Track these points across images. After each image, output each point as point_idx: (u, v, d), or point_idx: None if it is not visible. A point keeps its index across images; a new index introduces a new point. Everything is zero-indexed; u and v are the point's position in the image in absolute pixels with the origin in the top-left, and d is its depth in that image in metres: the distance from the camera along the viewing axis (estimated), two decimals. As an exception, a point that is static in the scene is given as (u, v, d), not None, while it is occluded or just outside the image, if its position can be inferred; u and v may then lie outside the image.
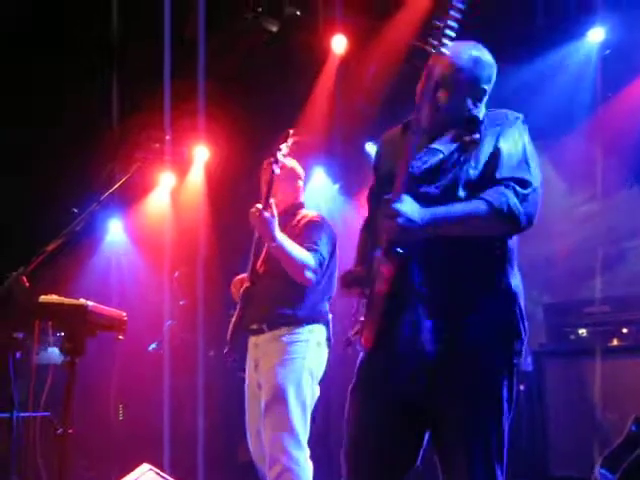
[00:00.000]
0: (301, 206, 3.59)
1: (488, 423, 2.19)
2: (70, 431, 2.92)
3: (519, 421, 5.07)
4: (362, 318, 2.28)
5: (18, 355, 3.33)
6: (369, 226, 2.49)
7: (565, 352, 5.10)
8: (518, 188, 2.19)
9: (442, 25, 2.25)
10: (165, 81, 5.74)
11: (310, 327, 3.34)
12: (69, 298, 3.07)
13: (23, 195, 5.89)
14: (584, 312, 5.22)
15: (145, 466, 3.06)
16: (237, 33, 5.54)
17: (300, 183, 3.61)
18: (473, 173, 2.24)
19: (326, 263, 3.34)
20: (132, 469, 3.04)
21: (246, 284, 3.37)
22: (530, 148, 2.31)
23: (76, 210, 3.18)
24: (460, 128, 2.32)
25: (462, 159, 2.26)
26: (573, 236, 6.16)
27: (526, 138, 2.32)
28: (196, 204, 6.40)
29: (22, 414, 3.43)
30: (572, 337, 5.21)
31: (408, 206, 2.13)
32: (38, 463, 3.39)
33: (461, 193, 2.22)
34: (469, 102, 2.36)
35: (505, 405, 2.21)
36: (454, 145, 2.29)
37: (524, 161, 2.27)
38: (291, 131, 3.41)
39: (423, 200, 2.18)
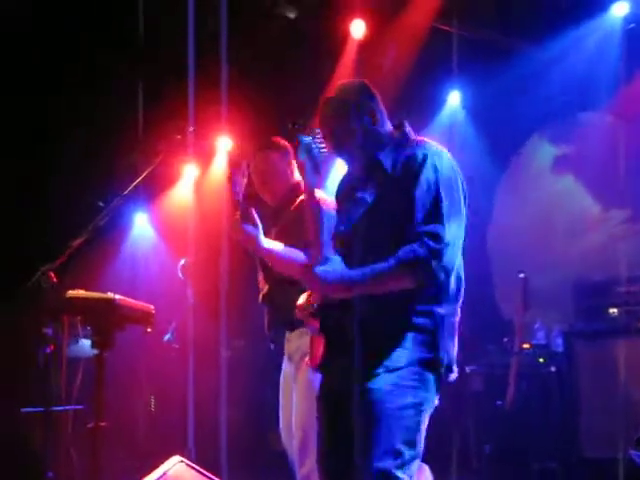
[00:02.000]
0: (298, 188, 3.29)
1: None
2: (102, 424, 2.93)
3: (550, 402, 5.05)
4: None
5: (50, 349, 3.37)
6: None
7: (595, 332, 5.05)
8: (430, 242, 2.21)
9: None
10: (189, 72, 5.74)
11: None
12: (97, 292, 3.08)
13: (49, 191, 5.94)
14: (614, 291, 5.17)
15: (176, 458, 3.07)
16: (256, 21, 5.53)
17: (290, 161, 3.32)
18: (386, 208, 2.31)
19: None
20: (161, 461, 3.06)
21: (263, 289, 3.27)
22: (446, 192, 2.29)
23: (102, 204, 3.19)
24: (370, 170, 2.40)
25: (380, 195, 2.35)
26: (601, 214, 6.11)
27: (439, 180, 2.29)
28: (220, 195, 6.40)
29: (56, 408, 3.48)
30: (602, 317, 5.16)
31: (326, 270, 2.26)
32: (72, 456, 3.44)
33: (383, 225, 2.31)
34: (363, 145, 2.41)
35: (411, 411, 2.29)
36: (370, 187, 2.38)
37: (436, 213, 2.26)
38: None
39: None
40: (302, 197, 3.23)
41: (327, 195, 3.09)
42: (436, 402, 2.36)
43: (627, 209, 5.99)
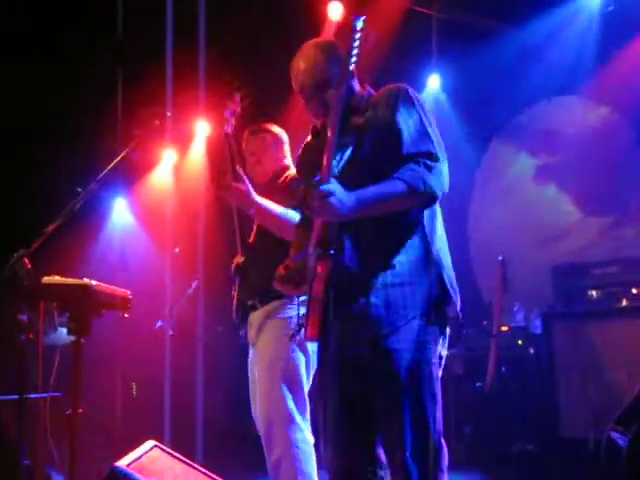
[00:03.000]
0: (287, 168, 3.46)
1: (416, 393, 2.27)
2: (80, 411, 2.91)
3: (528, 384, 5.09)
4: (303, 313, 2.35)
5: (27, 337, 3.33)
6: (304, 222, 2.56)
7: (574, 314, 5.09)
8: (428, 162, 2.26)
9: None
10: (167, 57, 5.69)
11: (302, 299, 3.25)
12: (73, 278, 3.06)
13: (26, 176, 5.88)
14: (593, 273, 5.20)
15: (150, 442, 3.06)
16: (234, 4, 5.48)
17: (286, 148, 3.49)
18: (376, 158, 2.30)
19: None
20: (138, 447, 3.04)
21: (238, 259, 3.30)
22: (426, 116, 2.35)
23: (80, 190, 3.15)
24: (349, 114, 2.37)
25: (359, 142, 2.34)
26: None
27: (419, 107, 2.35)
28: (198, 179, 6.37)
29: (32, 395, 3.45)
30: (581, 299, 5.19)
31: (337, 187, 2.19)
32: (49, 443, 3.41)
33: (365, 173, 2.29)
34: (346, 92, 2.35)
35: (433, 367, 2.30)
36: (352, 132, 2.36)
37: (425, 133, 2.32)
38: (236, 84, 3.34)
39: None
40: (287, 173, 3.38)
41: None
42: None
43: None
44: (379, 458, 2.35)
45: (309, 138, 2.60)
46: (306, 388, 3.19)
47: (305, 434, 3.13)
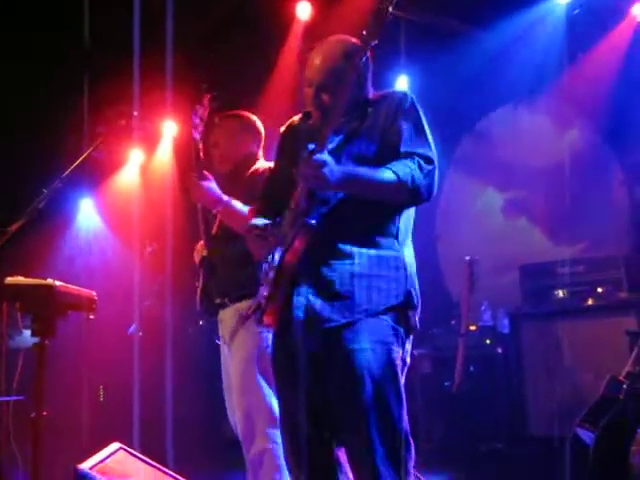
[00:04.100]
0: (254, 158, 3.35)
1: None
2: (44, 414, 2.87)
3: (496, 383, 5.12)
4: (265, 292, 2.33)
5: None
6: (269, 202, 2.55)
7: (541, 313, 5.13)
8: (423, 163, 2.30)
9: None
10: (135, 57, 5.63)
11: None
12: (37, 278, 3.01)
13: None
14: (559, 273, 5.25)
15: (115, 444, 3.02)
16: (201, 3, 5.44)
17: (250, 133, 3.37)
18: (369, 148, 2.34)
19: None
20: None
21: (203, 253, 3.25)
22: (426, 124, 2.40)
23: (45, 190, 3.11)
24: (352, 111, 2.39)
25: (359, 137, 2.36)
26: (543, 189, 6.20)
27: (421, 114, 2.41)
28: (166, 179, 6.32)
29: (-5, 398, 3.39)
30: (548, 298, 5.24)
31: (330, 158, 2.22)
32: (12, 447, 3.35)
33: (355, 162, 2.32)
34: (354, 91, 2.38)
35: (397, 368, 2.29)
36: (350, 126, 2.38)
37: (425, 137, 2.37)
38: (205, 87, 3.29)
39: None
40: (257, 166, 3.30)
41: None
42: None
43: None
44: (339, 461, 2.33)
45: (296, 118, 2.58)
46: None
47: None
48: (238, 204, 3.08)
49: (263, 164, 3.31)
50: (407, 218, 2.42)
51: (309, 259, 2.25)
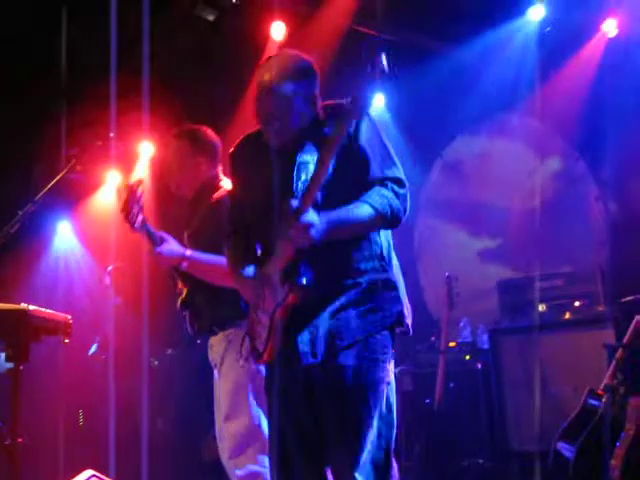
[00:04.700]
0: (215, 179, 3.16)
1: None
2: (19, 440, 2.83)
3: (477, 399, 5.12)
4: (257, 336, 2.34)
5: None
6: (240, 232, 2.51)
7: (519, 328, 5.15)
8: (396, 188, 2.27)
9: None
10: (111, 77, 5.62)
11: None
12: (10, 303, 2.97)
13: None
14: (536, 288, 5.27)
15: (88, 472, 2.98)
16: (175, 24, 5.45)
17: (203, 153, 3.17)
18: (332, 172, 2.23)
19: None
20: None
21: (182, 294, 3.16)
22: (386, 140, 2.35)
23: (20, 213, 3.08)
24: (308, 134, 2.33)
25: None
26: (517, 207, 6.22)
27: (379, 129, 2.36)
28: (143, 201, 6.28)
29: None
30: (526, 312, 5.26)
31: (315, 217, 2.16)
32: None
33: (328, 193, 2.25)
34: (305, 112, 2.33)
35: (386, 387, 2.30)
36: (314, 151, 2.30)
37: (390, 158, 2.33)
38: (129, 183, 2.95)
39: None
40: (220, 192, 3.14)
41: None
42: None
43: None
44: None
45: (246, 136, 2.50)
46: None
47: None
48: (202, 256, 2.98)
49: (227, 183, 3.13)
50: (386, 232, 2.41)
51: (304, 309, 2.25)
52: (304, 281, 2.21)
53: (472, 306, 5.69)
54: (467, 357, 5.38)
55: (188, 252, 2.96)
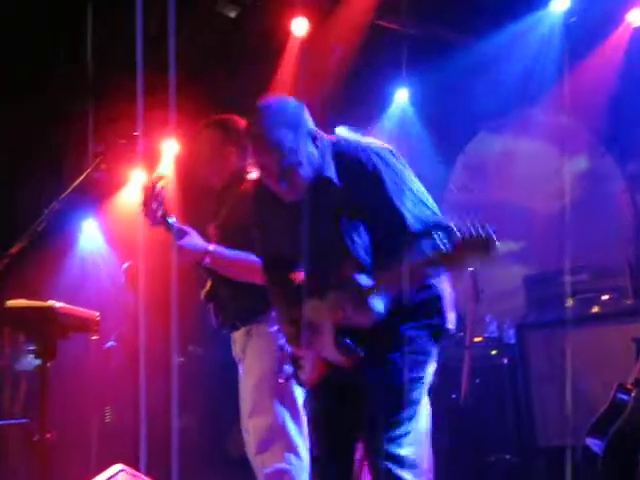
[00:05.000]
0: (245, 170, 3.04)
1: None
2: (48, 436, 2.86)
3: (503, 394, 5.08)
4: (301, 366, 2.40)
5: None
6: (271, 267, 2.51)
7: (546, 322, 5.10)
8: (440, 232, 2.13)
9: None
10: (138, 75, 5.65)
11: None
12: (39, 301, 3.00)
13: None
14: (563, 281, 5.22)
15: (118, 466, 3.01)
16: (197, 22, 5.47)
17: (235, 143, 3.10)
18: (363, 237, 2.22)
19: None
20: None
21: (206, 286, 3.16)
22: (410, 177, 2.29)
23: (45, 211, 3.10)
24: (316, 188, 2.26)
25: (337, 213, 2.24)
26: (542, 207, 6.15)
27: (400, 169, 2.28)
28: (167, 199, 6.31)
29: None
30: (552, 307, 5.21)
31: (382, 305, 2.15)
32: (18, 471, 3.35)
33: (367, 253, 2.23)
34: (311, 161, 2.26)
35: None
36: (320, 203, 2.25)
37: (421, 201, 2.28)
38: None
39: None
40: (248, 183, 3.01)
41: None
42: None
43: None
44: None
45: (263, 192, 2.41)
46: (300, 400, 3.05)
47: (299, 449, 3.01)
48: (226, 251, 2.95)
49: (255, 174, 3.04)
50: None
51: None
52: (361, 354, 2.21)
53: (497, 306, 5.65)
54: (493, 352, 5.34)
55: (211, 247, 2.94)
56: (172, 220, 2.90)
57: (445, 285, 2.39)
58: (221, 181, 3.19)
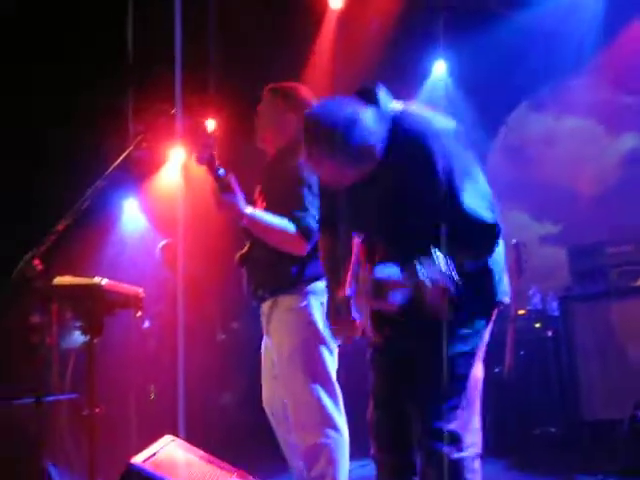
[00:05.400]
0: (300, 143, 3.04)
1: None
2: (97, 410, 2.90)
3: (548, 367, 5.04)
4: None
5: (40, 339, 3.33)
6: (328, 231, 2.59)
7: (590, 295, 5.03)
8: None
9: None
10: (176, 55, 5.67)
11: (311, 286, 3.01)
12: (84, 277, 3.04)
13: (36, 174, 5.86)
14: (607, 253, 5.14)
15: (168, 437, 3.04)
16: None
17: (296, 112, 3.03)
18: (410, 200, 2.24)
19: (316, 221, 2.89)
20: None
21: (243, 250, 3.17)
22: (469, 160, 2.29)
23: (89, 190, 3.13)
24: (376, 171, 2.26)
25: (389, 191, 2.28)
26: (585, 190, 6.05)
27: (466, 160, 2.28)
28: (206, 178, 6.34)
29: (49, 397, 3.45)
30: (597, 279, 5.14)
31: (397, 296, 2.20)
32: (67, 445, 3.41)
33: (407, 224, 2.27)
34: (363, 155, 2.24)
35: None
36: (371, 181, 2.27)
37: (478, 186, 2.29)
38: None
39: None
40: (298, 159, 2.99)
41: None
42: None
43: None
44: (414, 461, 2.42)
45: None
46: (333, 374, 3.06)
47: (337, 422, 3.01)
48: (263, 217, 2.96)
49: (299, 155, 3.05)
50: None
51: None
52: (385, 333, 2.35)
53: (539, 280, 5.60)
54: (537, 325, 5.29)
55: (249, 210, 2.93)
56: (222, 171, 2.91)
57: (499, 257, 2.43)
58: (274, 147, 3.19)
